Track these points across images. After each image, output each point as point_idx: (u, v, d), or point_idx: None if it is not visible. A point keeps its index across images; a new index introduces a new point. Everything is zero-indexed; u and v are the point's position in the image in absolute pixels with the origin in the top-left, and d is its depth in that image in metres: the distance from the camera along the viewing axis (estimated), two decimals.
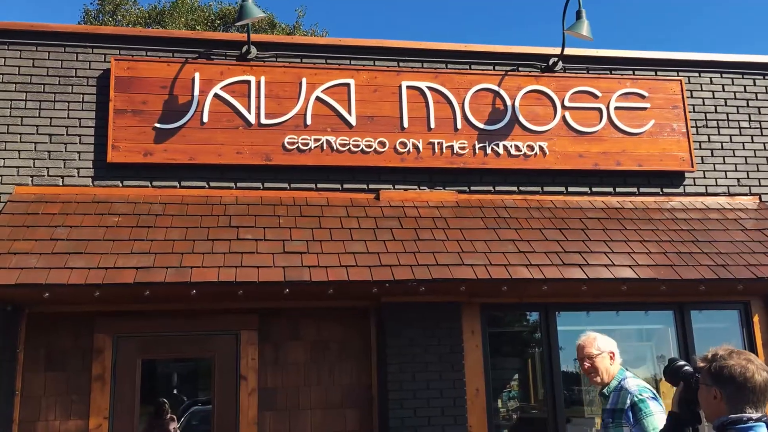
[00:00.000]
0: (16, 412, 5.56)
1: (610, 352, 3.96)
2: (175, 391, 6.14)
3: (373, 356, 6.06)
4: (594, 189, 6.83)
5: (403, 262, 5.57)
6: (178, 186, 6.19)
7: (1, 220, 5.58)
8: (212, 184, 6.25)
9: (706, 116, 7.24)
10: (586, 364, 3.93)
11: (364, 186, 6.46)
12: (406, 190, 6.52)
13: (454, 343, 5.98)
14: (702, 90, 7.31)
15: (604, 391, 3.93)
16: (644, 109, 7.02)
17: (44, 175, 5.99)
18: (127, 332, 5.86)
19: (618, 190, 6.88)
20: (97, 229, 5.57)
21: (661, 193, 6.96)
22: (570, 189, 6.79)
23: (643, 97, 7.06)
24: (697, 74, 7.34)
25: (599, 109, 6.93)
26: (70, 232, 5.49)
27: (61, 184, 6.00)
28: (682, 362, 2.68)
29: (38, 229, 5.49)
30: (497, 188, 6.68)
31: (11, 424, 5.52)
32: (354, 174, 6.46)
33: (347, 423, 5.98)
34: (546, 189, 6.75)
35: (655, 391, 3.82)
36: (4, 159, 5.93)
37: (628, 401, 3.73)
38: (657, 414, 3.65)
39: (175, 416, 6.04)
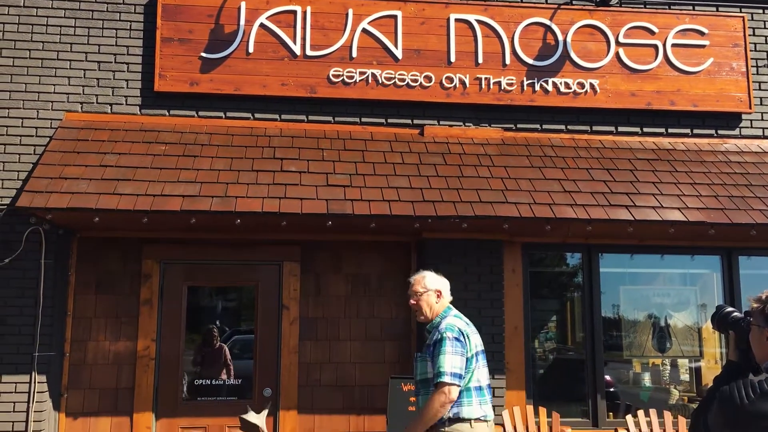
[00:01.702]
0: (69, 332, 5.80)
1: (436, 290, 3.96)
2: (218, 322, 6.31)
3: None
4: (645, 129, 6.64)
5: (446, 199, 5.54)
6: (224, 116, 6.20)
7: (52, 146, 5.69)
8: (257, 115, 6.25)
9: None
10: (412, 301, 3.97)
11: (409, 121, 6.39)
12: (451, 126, 6.43)
13: (495, 280, 5.98)
14: (765, 28, 6.95)
15: (428, 327, 3.96)
16: (703, 46, 6.73)
17: (93, 102, 6.06)
18: (174, 259, 6.01)
19: (670, 131, 6.67)
20: (144, 156, 5.64)
21: (715, 134, 6.73)
22: (620, 129, 6.61)
23: (702, 34, 6.75)
24: (761, 11, 6.97)
25: (655, 46, 6.66)
26: (119, 159, 5.58)
27: (109, 111, 6.07)
28: (729, 308, 2.62)
29: (88, 155, 5.58)
30: (544, 127, 6.54)
31: (64, 342, 5.77)
32: (399, 108, 6.38)
33: (386, 354, 6.09)
34: (595, 128, 6.58)
35: (464, 333, 3.77)
36: (54, 85, 6.00)
37: (434, 337, 3.78)
38: (449, 355, 3.65)
39: (224, 344, 6.21)
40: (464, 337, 3.78)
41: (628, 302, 6.58)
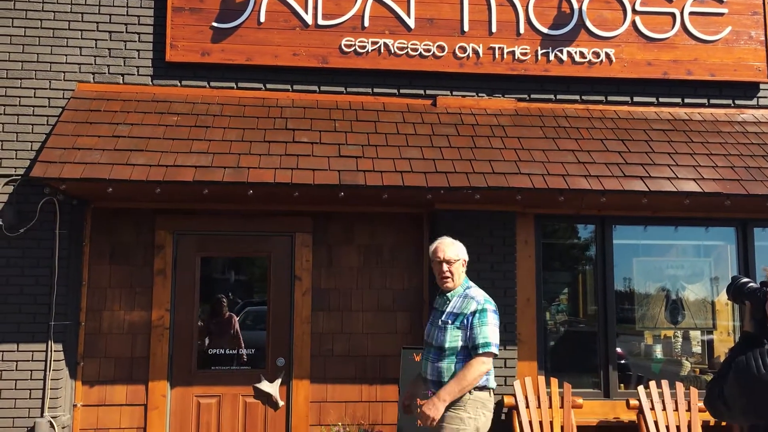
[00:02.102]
0: (84, 301, 5.86)
1: (464, 259, 4.06)
2: (230, 294, 6.36)
3: (425, 262, 6.10)
4: (661, 99, 6.55)
5: (458, 170, 5.51)
6: (235, 87, 6.17)
7: (65, 116, 5.69)
8: (269, 86, 6.21)
9: None
10: (445, 268, 3.97)
11: (421, 92, 6.33)
12: (464, 96, 6.37)
13: (507, 252, 5.97)
14: None
15: (448, 295, 3.99)
16: (721, 15, 6.61)
17: (105, 73, 6.04)
18: (187, 230, 6.03)
19: (687, 100, 6.58)
20: (156, 127, 5.64)
21: (732, 104, 6.63)
22: (635, 99, 6.52)
23: (720, 2, 6.62)
24: None
25: (672, 14, 6.55)
26: (132, 130, 5.58)
27: (121, 82, 6.05)
28: (745, 279, 2.61)
29: (101, 126, 5.58)
30: (558, 97, 6.47)
31: (79, 312, 5.83)
32: (411, 79, 6.33)
33: (398, 325, 6.11)
34: (610, 98, 6.50)
35: (496, 306, 3.95)
36: (66, 55, 5.98)
37: (472, 307, 3.85)
38: (492, 326, 3.81)
39: (234, 314, 6.26)
40: (497, 310, 3.94)
41: (640, 274, 6.55)
